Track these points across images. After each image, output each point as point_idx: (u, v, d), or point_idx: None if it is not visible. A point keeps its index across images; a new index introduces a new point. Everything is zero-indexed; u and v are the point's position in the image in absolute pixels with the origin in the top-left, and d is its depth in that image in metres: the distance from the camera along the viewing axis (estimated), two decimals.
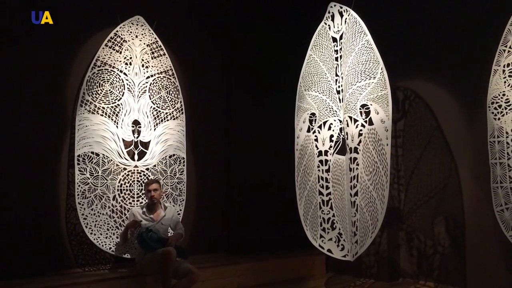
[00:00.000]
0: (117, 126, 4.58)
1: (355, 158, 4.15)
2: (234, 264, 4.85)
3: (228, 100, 5.72)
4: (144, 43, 4.82)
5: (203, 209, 5.37)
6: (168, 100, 4.92)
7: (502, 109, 3.89)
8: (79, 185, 4.35)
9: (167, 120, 4.88)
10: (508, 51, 3.88)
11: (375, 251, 5.03)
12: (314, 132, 4.57)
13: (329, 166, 4.43)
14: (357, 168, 4.14)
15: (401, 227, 5.03)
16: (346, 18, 4.34)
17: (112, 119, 4.57)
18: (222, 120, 5.68)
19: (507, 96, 3.86)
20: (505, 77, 3.88)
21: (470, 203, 4.47)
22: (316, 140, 4.55)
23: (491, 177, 3.91)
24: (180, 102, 4.99)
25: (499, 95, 3.91)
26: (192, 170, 5.22)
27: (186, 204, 4.93)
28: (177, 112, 4.96)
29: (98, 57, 4.56)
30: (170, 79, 4.95)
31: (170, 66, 4.96)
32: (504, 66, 3.89)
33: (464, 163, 4.55)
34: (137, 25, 4.79)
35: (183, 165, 4.94)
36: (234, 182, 5.59)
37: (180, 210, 4.85)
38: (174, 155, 4.89)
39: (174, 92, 4.96)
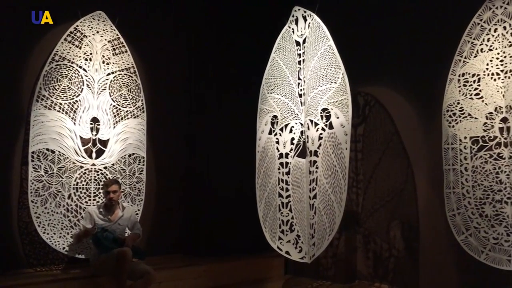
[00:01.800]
0: (74, 123, 4.47)
1: (315, 161, 4.19)
2: (191, 265, 4.81)
3: (191, 100, 5.67)
4: (105, 39, 4.72)
5: (162, 209, 5.31)
6: (129, 98, 4.84)
7: (457, 117, 4.02)
8: (32, 183, 4.22)
9: (127, 118, 4.80)
10: (463, 61, 4.01)
11: (333, 253, 5.10)
12: (276, 134, 4.59)
13: (289, 169, 4.46)
14: (316, 171, 4.18)
15: (359, 230, 5.11)
16: (309, 23, 4.38)
17: (70, 116, 4.46)
18: (185, 119, 5.63)
19: (461, 104, 3.99)
20: (460, 86, 4.01)
21: (425, 207, 4.59)
22: (277, 142, 4.57)
23: (445, 182, 4.04)
24: (142, 100, 4.91)
25: (454, 103, 4.04)
26: (152, 170, 5.14)
27: (145, 204, 4.85)
28: (138, 111, 4.88)
29: (57, 51, 4.44)
30: (132, 77, 4.87)
31: (132, 64, 4.88)
32: (459, 76, 4.03)
33: (420, 169, 4.67)
34: (98, 20, 4.70)
35: (143, 165, 4.87)
36: (194, 183, 5.55)
37: (139, 210, 4.77)
38: (133, 154, 4.81)
39: (136, 90, 4.89)
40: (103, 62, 4.69)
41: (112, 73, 4.74)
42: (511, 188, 3.71)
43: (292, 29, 4.55)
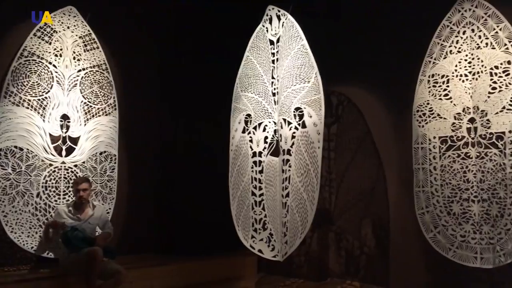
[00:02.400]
0: (43, 120, 4.38)
1: (288, 160, 4.21)
2: (163, 264, 4.77)
3: (164, 97, 5.63)
4: (76, 35, 4.64)
5: (134, 208, 5.25)
6: (101, 95, 4.76)
7: (426, 117, 4.10)
8: None
9: (99, 116, 4.73)
10: (433, 63, 4.10)
11: (305, 251, 5.13)
12: (249, 133, 4.59)
13: (262, 167, 4.46)
14: (289, 170, 4.20)
15: (331, 228, 5.17)
16: (283, 22, 4.39)
17: (39, 113, 4.36)
18: (157, 117, 5.58)
19: (431, 105, 4.07)
20: (430, 87, 4.10)
21: (395, 206, 4.67)
22: (251, 141, 4.57)
23: (414, 181, 4.12)
24: (114, 97, 4.84)
25: (423, 103, 4.12)
26: (124, 168, 5.08)
27: (116, 203, 4.78)
28: (109, 108, 4.81)
29: (26, 47, 4.34)
30: (104, 74, 4.79)
31: (104, 60, 4.80)
32: (429, 77, 4.11)
33: (391, 168, 4.75)
34: (69, 15, 4.61)
35: (115, 163, 4.80)
36: (167, 181, 5.51)
37: (110, 209, 4.70)
38: (105, 152, 4.74)
39: (107, 87, 4.81)
40: (74, 58, 4.61)
41: (83, 69, 4.66)
42: (478, 187, 3.80)
43: (266, 28, 4.55)
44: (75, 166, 4.56)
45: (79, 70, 4.63)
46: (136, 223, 5.27)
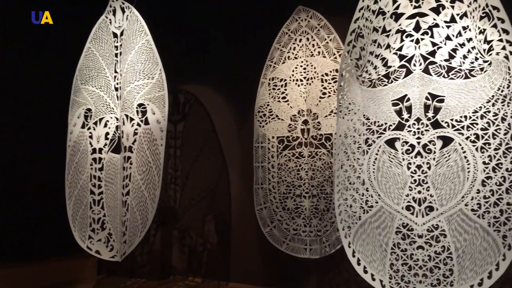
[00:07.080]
0: None
1: (129, 157, 4.09)
2: None
3: None
4: None
5: None
6: None
7: (266, 118, 4.32)
8: None
9: None
10: (273, 67, 4.34)
11: (148, 250, 5.05)
12: (89, 128, 4.35)
13: (102, 165, 4.27)
14: (130, 167, 4.08)
15: (175, 226, 5.16)
16: (127, 15, 4.25)
17: None
18: None
19: (271, 106, 4.31)
20: (270, 90, 4.33)
21: (237, 202, 4.84)
22: (91, 137, 4.34)
23: (254, 178, 4.32)
24: None
25: (264, 105, 4.34)
26: None
27: None
28: None
29: None
30: None
31: None
32: (269, 80, 4.34)
33: (233, 165, 4.91)
34: None
35: None
36: None
37: None
38: None
39: None
40: None
41: None
42: (309, 183, 4.13)
43: (110, 19, 4.36)
44: None
45: None
46: None
